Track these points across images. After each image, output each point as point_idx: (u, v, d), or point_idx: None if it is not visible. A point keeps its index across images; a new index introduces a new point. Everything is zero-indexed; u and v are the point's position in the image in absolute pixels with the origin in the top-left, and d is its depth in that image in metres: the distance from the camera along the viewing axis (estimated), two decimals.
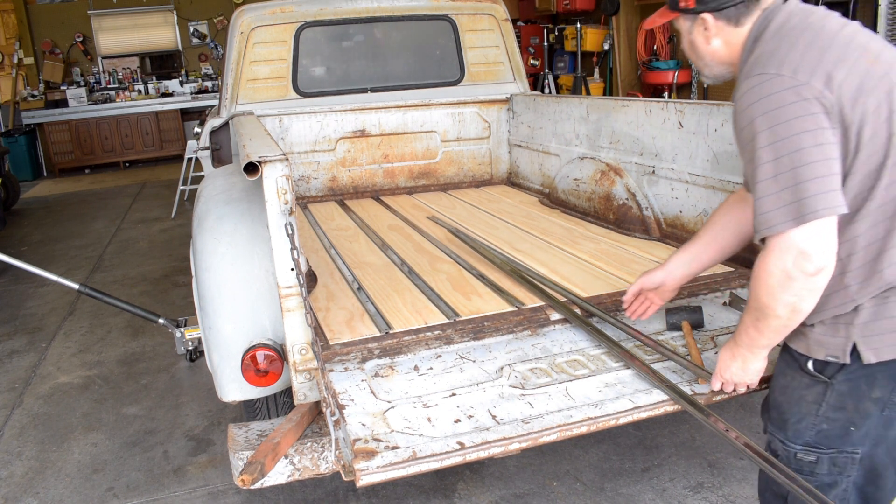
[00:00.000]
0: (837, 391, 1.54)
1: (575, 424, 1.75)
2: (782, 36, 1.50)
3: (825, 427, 1.56)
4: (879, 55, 1.47)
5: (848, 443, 1.55)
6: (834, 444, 1.56)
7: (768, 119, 1.42)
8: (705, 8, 1.61)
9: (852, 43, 1.47)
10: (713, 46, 1.65)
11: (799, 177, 1.39)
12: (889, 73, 1.45)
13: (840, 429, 1.55)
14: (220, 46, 12.68)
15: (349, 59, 4.48)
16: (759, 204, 1.44)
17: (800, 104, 1.40)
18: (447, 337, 2.21)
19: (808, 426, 1.59)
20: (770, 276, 1.45)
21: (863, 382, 1.51)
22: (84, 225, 8.11)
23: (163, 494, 2.93)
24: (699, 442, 3.02)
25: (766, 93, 1.43)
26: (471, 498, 2.76)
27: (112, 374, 4.11)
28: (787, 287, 1.43)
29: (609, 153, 3.52)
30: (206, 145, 4.19)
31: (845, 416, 1.54)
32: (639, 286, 2.16)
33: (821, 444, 1.58)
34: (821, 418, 1.56)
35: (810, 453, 1.58)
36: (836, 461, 1.57)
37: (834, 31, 1.49)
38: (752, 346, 1.63)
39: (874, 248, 1.46)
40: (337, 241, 3.41)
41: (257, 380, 2.08)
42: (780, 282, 1.44)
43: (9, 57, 12.01)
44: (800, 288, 1.43)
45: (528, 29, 9.37)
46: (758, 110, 1.44)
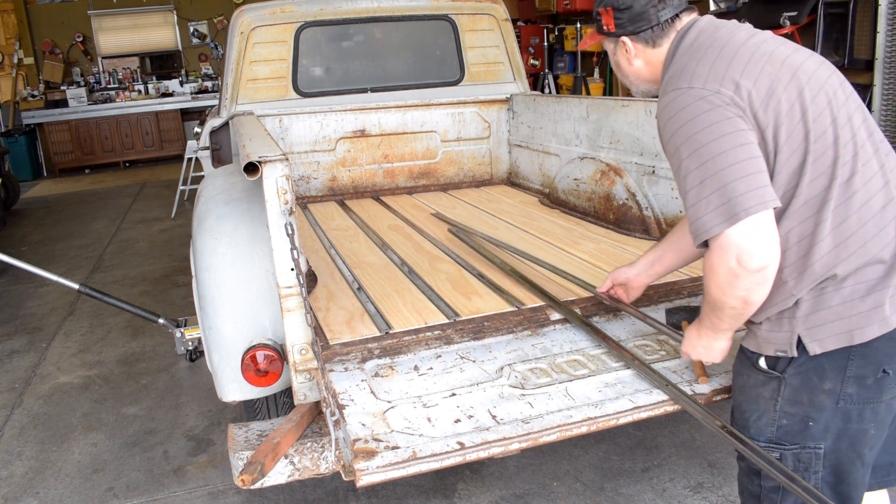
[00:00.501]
0: (791, 385, 1.56)
1: (575, 424, 1.75)
2: (692, 52, 1.59)
3: (785, 422, 1.59)
4: (786, 59, 1.54)
5: (809, 437, 1.57)
6: (796, 440, 1.58)
7: (686, 130, 1.49)
8: (624, 32, 1.72)
9: (758, 51, 1.54)
10: (636, 66, 1.76)
11: (725, 178, 1.43)
12: (797, 74, 1.52)
13: (799, 423, 1.57)
14: (220, 46, 12.68)
15: (349, 59, 4.48)
16: (692, 212, 1.50)
17: (714, 111, 1.47)
18: (447, 337, 2.21)
19: (767, 423, 1.61)
20: (717, 276, 1.49)
21: (813, 375, 1.54)
22: (84, 225, 8.11)
23: (163, 494, 2.93)
24: (699, 442, 3.02)
25: (680, 106, 1.51)
26: (471, 498, 2.76)
27: (112, 374, 4.11)
28: (735, 284, 1.48)
29: (609, 153, 3.52)
30: (206, 145, 4.19)
31: (802, 410, 1.56)
32: (610, 281, 2.27)
33: (783, 441, 1.60)
34: (779, 414, 1.59)
35: (773, 450, 1.60)
36: (799, 457, 1.58)
37: (740, 41, 1.57)
38: (714, 329, 1.69)
39: (805, 244, 1.50)
40: (337, 241, 3.41)
41: (257, 380, 2.08)
42: (727, 280, 1.48)
43: (9, 57, 12.01)
44: (748, 283, 1.47)
45: (528, 29, 9.37)
46: (676, 123, 1.52)
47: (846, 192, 1.48)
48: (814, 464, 1.58)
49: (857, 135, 1.52)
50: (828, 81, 1.55)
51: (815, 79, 1.53)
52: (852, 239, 1.48)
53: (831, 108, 1.51)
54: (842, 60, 4.79)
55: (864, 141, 1.53)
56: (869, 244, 1.48)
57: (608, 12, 1.73)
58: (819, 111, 1.50)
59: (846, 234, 1.48)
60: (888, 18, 4.49)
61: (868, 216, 1.49)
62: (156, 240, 7.21)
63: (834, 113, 1.51)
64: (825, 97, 1.52)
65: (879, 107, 4.59)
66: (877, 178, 1.51)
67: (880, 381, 1.51)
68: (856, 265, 1.48)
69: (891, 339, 1.49)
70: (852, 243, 1.48)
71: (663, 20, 1.67)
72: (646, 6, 1.67)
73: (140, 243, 7.10)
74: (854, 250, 1.48)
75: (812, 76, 1.54)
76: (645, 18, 1.67)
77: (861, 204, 1.49)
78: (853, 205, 1.48)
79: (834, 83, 1.56)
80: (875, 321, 1.47)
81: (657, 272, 2.16)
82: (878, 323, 1.47)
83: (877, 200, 1.50)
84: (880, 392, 1.52)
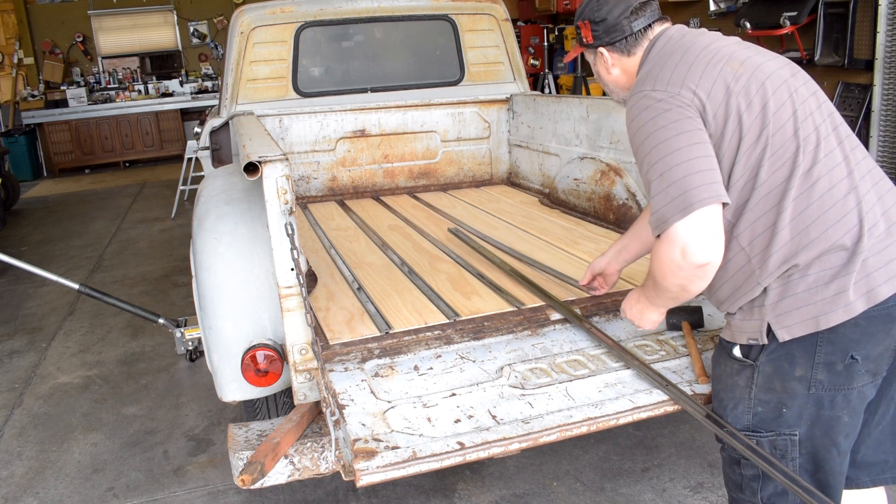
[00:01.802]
0: (763, 372, 1.61)
1: (575, 424, 1.75)
2: (658, 58, 1.69)
3: (759, 410, 1.63)
4: (746, 60, 1.62)
5: (783, 424, 1.60)
6: (771, 427, 1.62)
7: (648, 128, 1.59)
8: (600, 43, 1.83)
9: (718, 54, 1.63)
10: (614, 75, 1.87)
11: (680, 173, 1.51)
12: (756, 73, 1.60)
13: (773, 410, 1.61)
14: (220, 46, 12.68)
15: (349, 59, 4.48)
16: (653, 204, 1.57)
17: (674, 111, 1.56)
18: (447, 337, 2.21)
19: (744, 411, 1.65)
20: (661, 264, 1.59)
21: (784, 362, 1.58)
22: (84, 225, 8.11)
23: (163, 494, 2.94)
24: (699, 442, 3.02)
25: (643, 106, 1.61)
26: (471, 498, 2.76)
27: (112, 374, 4.11)
28: (677, 274, 1.57)
29: (609, 153, 3.52)
30: (206, 145, 4.19)
31: (776, 397, 1.60)
32: (589, 272, 2.39)
33: (759, 428, 1.64)
34: (754, 401, 1.63)
35: (750, 437, 1.64)
36: (775, 444, 1.62)
37: (701, 46, 1.65)
38: (650, 301, 1.84)
39: (768, 234, 1.56)
40: (337, 241, 3.42)
41: (257, 380, 2.08)
42: (669, 269, 1.57)
43: (9, 57, 12.02)
44: (688, 275, 1.55)
45: (528, 29, 9.37)
46: (639, 122, 1.62)
47: (806, 182, 1.54)
48: (790, 450, 1.61)
49: (820, 128, 1.58)
50: (790, 79, 1.62)
51: (775, 76, 1.61)
52: (813, 226, 1.53)
53: (792, 102, 1.58)
54: (842, 60, 4.79)
55: (829, 133, 1.58)
56: (830, 231, 1.52)
57: (586, 25, 1.83)
58: (779, 105, 1.57)
59: (807, 221, 1.53)
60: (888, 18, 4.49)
61: (829, 203, 1.53)
62: (156, 240, 7.21)
63: (794, 106, 1.57)
64: (786, 92, 1.59)
65: (879, 107, 4.59)
66: (840, 167, 1.56)
67: (849, 367, 1.54)
68: (817, 252, 1.52)
69: (856, 325, 1.51)
70: (813, 231, 1.52)
71: (636, 30, 1.77)
72: (619, 18, 1.77)
73: (140, 243, 7.10)
74: (814, 237, 1.52)
75: (772, 74, 1.61)
76: (619, 29, 1.78)
77: (822, 192, 1.53)
78: (814, 193, 1.53)
79: (797, 81, 1.63)
80: (839, 306, 1.51)
81: (626, 259, 2.30)
82: (842, 308, 1.51)
83: (839, 189, 1.54)
84: (850, 378, 1.55)
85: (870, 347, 1.53)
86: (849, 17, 4.70)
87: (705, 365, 2.00)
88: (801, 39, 5.04)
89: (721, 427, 1.68)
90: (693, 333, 2.19)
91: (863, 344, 1.53)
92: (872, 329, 1.52)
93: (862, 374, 1.54)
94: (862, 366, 1.53)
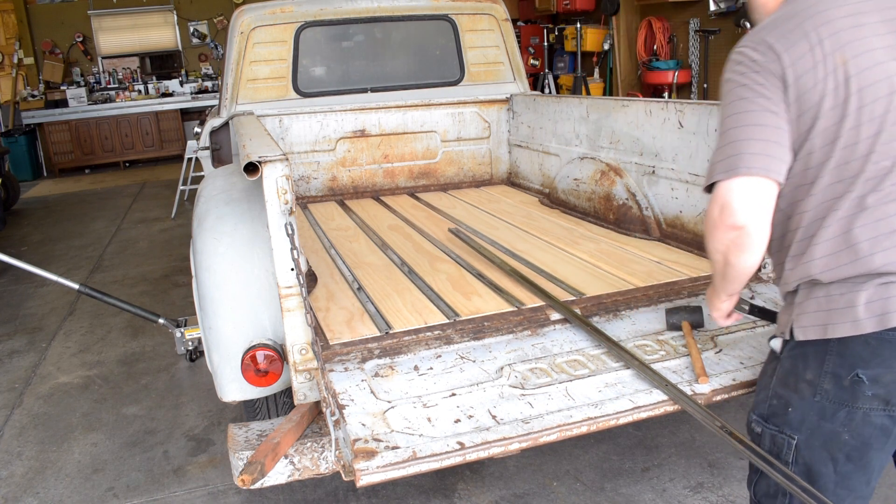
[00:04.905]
0: (783, 367, 1.62)
1: (575, 424, 1.75)
2: (780, 15, 1.57)
3: (774, 403, 1.64)
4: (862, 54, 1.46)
5: (786, 424, 1.60)
6: (776, 423, 1.63)
7: (731, 84, 1.54)
8: None
9: (841, 32, 1.47)
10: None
11: (741, 135, 1.48)
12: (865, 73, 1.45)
13: (782, 407, 1.62)
14: (220, 46, 12.68)
15: (349, 59, 4.48)
16: (712, 155, 1.55)
17: (762, 74, 1.49)
18: (447, 337, 2.21)
19: (763, 399, 1.68)
20: (706, 221, 1.58)
21: (799, 361, 1.58)
22: (84, 225, 8.11)
23: (163, 494, 2.94)
24: (699, 442, 3.02)
25: (737, 61, 1.55)
26: (471, 498, 2.76)
27: (112, 374, 4.11)
28: (713, 234, 1.55)
29: (609, 153, 3.52)
30: (206, 145, 4.19)
31: (787, 394, 1.60)
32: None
33: (769, 420, 1.65)
34: (772, 393, 1.65)
35: (759, 425, 1.66)
36: (775, 439, 1.63)
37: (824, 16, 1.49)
38: (714, 286, 1.79)
39: (805, 244, 1.54)
40: (337, 241, 3.42)
41: (257, 380, 2.08)
42: (709, 228, 1.56)
43: (9, 57, 12.01)
44: (723, 238, 1.53)
45: (528, 29, 9.37)
46: (728, 74, 1.56)
47: (858, 206, 1.47)
48: (784, 451, 1.61)
49: None
50: None
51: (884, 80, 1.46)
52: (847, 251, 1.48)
53: (883, 120, 1.45)
54: None
55: None
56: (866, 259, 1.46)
57: None
58: (870, 118, 1.45)
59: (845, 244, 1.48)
60: None
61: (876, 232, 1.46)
62: (156, 240, 7.21)
63: (881, 126, 1.45)
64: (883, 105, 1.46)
65: None
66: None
67: (854, 384, 1.50)
68: (844, 275, 1.49)
69: (866, 344, 1.48)
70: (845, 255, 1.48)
71: None
72: None
73: (140, 243, 7.10)
74: (846, 262, 1.48)
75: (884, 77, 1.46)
76: None
77: (873, 220, 1.46)
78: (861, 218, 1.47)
79: None
80: (848, 320, 1.49)
81: None
82: (850, 322, 1.48)
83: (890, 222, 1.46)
84: (854, 397, 1.51)
85: (879, 371, 1.48)
86: None
87: (705, 365, 2.00)
88: None
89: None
90: (693, 333, 2.19)
91: (872, 365, 1.48)
92: (884, 352, 1.48)
93: (868, 396, 1.50)
94: (868, 387, 1.49)
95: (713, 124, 2.80)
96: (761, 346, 2.16)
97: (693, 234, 3.00)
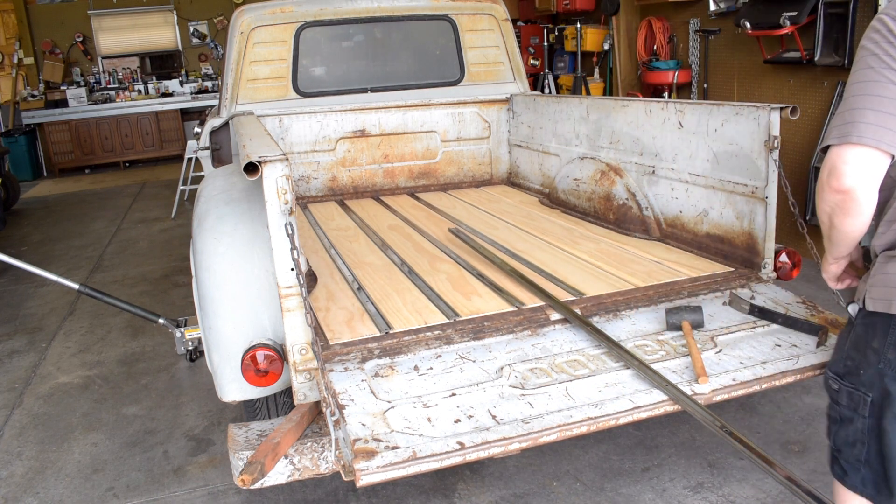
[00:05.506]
0: (856, 333, 1.70)
1: (575, 424, 1.76)
2: None
3: (848, 363, 1.71)
4: None
5: (860, 383, 1.67)
6: (852, 381, 1.69)
7: (863, 51, 1.57)
8: None
9: None
10: None
11: (860, 104, 1.51)
12: None
13: (854, 368, 1.69)
14: (220, 46, 12.67)
15: (349, 59, 4.48)
16: (832, 120, 1.59)
17: (893, 45, 1.51)
18: (447, 337, 2.21)
19: (839, 358, 1.75)
20: (818, 184, 1.63)
21: (869, 329, 1.65)
22: (84, 225, 8.11)
23: (163, 494, 2.93)
24: (699, 442, 3.02)
25: (875, 28, 1.57)
26: (471, 498, 2.76)
27: (112, 374, 4.11)
28: (821, 196, 1.61)
29: (609, 153, 3.52)
30: (206, 145, 4.19)
31: (859, 357, 1.68)
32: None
33: (843, 377, 1.72)
34: (846, 354, 1.72)
35: (836, 382, 1.74)
36: (852, 396, 1.69)
37: None
38: (825, 249, 1.84)
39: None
40: (337, 241, 3.42)
41: (257, 380, 2.08)
42: (819, 188, 1.62)
43: (9, 57, 12.01)
44: (829, 199, 1.59)
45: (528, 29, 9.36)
46: (863, 41, 1.59)
47: None
48: (861, 407, 1.67)
49: None
50: None
51: None
52: None
53: None
54: (842, 60, 4.78)
55: None
56: None
57: None
58: None
59: None
60: None
61: None
62: (156, 240, 7.21)
63: None
64: None
65: None
66: None
67: None
68: None
69: None
70: None
71: None
72: None
73: (140, 243, 7.10)
74: None
75: None
76: None
77: None
78: None
79: None
80: None
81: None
82: None
83: None
84: None
85: None
86: (849, 17, 4.70)
87: (705, 365, 2.00)
88: (801, 39, 5.03)
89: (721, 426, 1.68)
90: (693, 333, 2.19)
91: None
92: None
93: None
94: None
95: (713, 124, 2.80)
96: (761, 346, 2.16)
97: (693, 233, 3.00)
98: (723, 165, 2.77)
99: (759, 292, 2.50)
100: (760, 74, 5.67)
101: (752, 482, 2.73)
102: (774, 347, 2.14)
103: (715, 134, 2.79)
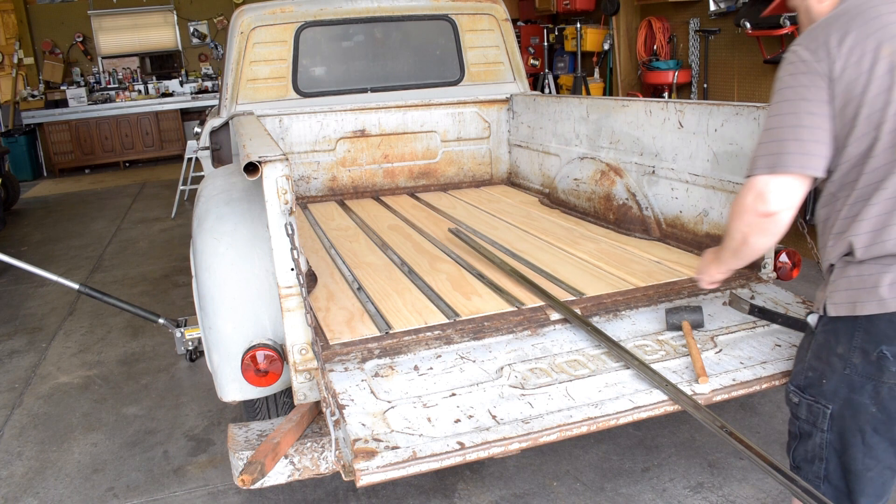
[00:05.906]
0: (817, 341, 1.72)
1: (575, 424, 1.76)
2: (829, 17, 1.65)
3: (810, 374, 1.73)
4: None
5: (821, 395, 1.69)
6: (812, 393, 1.71)
7: (781, 82, 1.65)
8: None
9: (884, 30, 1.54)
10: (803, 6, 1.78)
11: (784, 134, 1.59)
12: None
13: (817, 379, 1.70)
14: (220, 46, 12.67)
15: (349, 59, 4.48)
16: (756, 148, 1.66)
17: (808, 76, 1.59)
18: (447, 337, 2.21)
19: (800, 370, 1.77)
20: (734, 206, 1.72)
21: (831, 336, 1.67)
22: (84, 225, 8.11)
23: (163, 494, 2.93)
24: (699, 442, 3.02)
25: (788, 61, 1.65)
26: (471, 498, 2.76)
27: (112, 374, 4.11)
28: (741, 217, 1.69)
29: (609, 153, 3.52)
30: (206, 145, 4.19)
31: (821, 366, 1.69)
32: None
33: (804, 390, 1.74)
34: (807, 365, 1.74)
35: (796, 395, 1.75)
36: (811, 408, 1.71)
37: (869, 16, 1.57)
38: (717, 256, 1.96)
39: (848, 221, 1.62)
40: (337, 241, 3.41)
41: (257, 380, 2.08)
42: (737, 212, 1.71)
43: (9, 57, 12.01)
44: (750, 221, 1.68)
45: (528, 29, 9.36)
46: (780, 72, 1.67)
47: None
48: (820, 420, 1.69)
49: None
50: None
51: None
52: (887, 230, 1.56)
53: None
54: None
55: None
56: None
57: None
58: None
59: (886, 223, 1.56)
60: None
61: None
62: (156, 240, 7.21)
63: None
64: None
65: None
66: None
67: (880, 359, 1.58)
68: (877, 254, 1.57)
69: (890, 322, 1.57)
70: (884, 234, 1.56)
71: None
72: None
73: (140, 243, 7.10)
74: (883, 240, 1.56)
75: None
76: None
77: None
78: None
79: None
80: (874, 299, 1.57)
81: None
82: (875, 301, 1.57)
83: None
84: (880, 371, 1.59)
85: None
86: None
87: (705, 365, 2.00)
88: None
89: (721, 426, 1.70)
90: (693, 333, 2.19)
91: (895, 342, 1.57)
92: None
93: (892, 371, 1.58)
94: (893, 363, 1.58)
95: (713, 124, 2.80)
96: (761, 346, 2.16)
97: (693, 234, 3.00)
98: (723, 165, 2.77)
99: (759, 292, 2.51)
100: (760, 74, 5.67)
101: (752, 482, 2.73)
102: (774, 347, 2.14)
103: (715, 134, 2.79)
